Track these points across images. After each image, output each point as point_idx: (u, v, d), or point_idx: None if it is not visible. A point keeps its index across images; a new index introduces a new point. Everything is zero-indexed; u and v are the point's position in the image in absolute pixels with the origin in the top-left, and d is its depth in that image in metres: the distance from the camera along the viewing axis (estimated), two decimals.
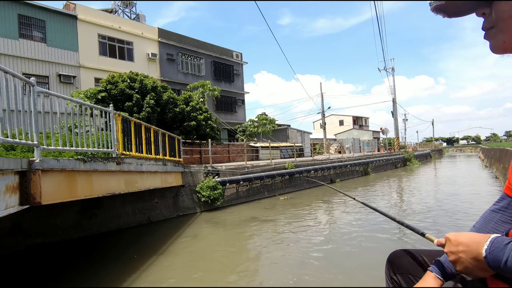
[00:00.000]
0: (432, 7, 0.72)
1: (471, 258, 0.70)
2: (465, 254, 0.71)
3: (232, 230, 7.52)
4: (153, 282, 4.48)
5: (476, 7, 0.69)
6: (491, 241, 0.66)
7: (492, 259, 0.65)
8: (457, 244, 0.73)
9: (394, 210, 9.19)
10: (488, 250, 0.66)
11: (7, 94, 3.15)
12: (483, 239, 0.68)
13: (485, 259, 0.66)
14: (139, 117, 11.54)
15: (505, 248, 0.63)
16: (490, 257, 0.65)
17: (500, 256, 0.63)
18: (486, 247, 0.66)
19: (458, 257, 0.73)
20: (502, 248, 0.63)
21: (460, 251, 0.72)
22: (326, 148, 27.61)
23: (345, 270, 4.63)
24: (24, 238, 6.15)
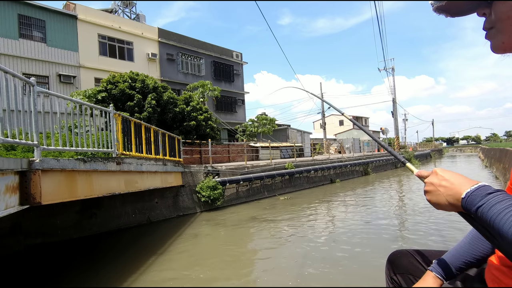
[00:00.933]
0: (434, 8, 0.72)
1: (448, 194, 0.69)
2: (445, 189, 0.70)
3: (232, 230, 7.52)
4: (153, 282, 4.48)
5: (476, 7, 0.69)
6: (477, 187, 0.65)
7: (468, 202, 0.64)
8: (442, 179, 0.72)
9: (395, 210, 9.19)
10: (469, 193, 0.65)
11: (7, 94, 3.15)
12: (470, 183, 0.67)
13: (462, 200, 0.66)
14: (140, 117, 11.54)
15: (485, 197, 0.62)
16: (467, 200, 0.65)
17: (477, 201, 0.63)
18: (469, 190, 0.65)
19: (436, 189, 0.72)
20: (482, 196, 0.62)
21: (442, 185, 0.71)
22: (326, 148, 27.61)
23: (345, 270, 4.63)
24: (24, 238, 6.15)
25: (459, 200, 0.67)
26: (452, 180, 0.70)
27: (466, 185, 0.67)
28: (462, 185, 0.68)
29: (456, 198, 0.68)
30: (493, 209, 0.59)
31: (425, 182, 0.76)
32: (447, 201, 0.70)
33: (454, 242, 5.64)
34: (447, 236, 6.03)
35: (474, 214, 0.63)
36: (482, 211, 0.61)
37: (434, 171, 0.76)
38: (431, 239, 5.90)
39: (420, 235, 6.22)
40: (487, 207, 0.60)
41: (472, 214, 0.65)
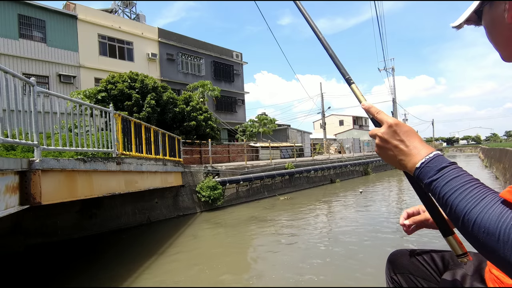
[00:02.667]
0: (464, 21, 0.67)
1: (401, 159, 0.64)
2: (399, 152, 0.64)
3: (232, 230, 7.52)
4: (153, 282, 4.48)
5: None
6: (432, 158, 0.60)
7: (422, 174, 0.60)
8: (398, 139, 0.65)
9: (395, 210, 9.19)
10: (424, 164, 0.60)
11: (7, 94, 3.15)
12: (425, 150, 0.62)
13: (415, 169, 0.61)
14: (139, 117, 11.54)
15: (440, 171, 0.58)
16: (421, 171, 0.60)
17: (431, 174, 0.59)
18: (424, 161, 0.60)
19: (389, 148, 0.66)
20: (437, 169, 0.58)
21: (396, 147, 0.65)
22: (326, 148, 27.60)
23: (346, 270, 4.63)
24: (24, 238, 6.15)
25: (412, 168, 0.62)
26: (408, 142, 0.64)
27: (421, 153, 0.62)
28: (417, 151, 0.62)
29: (409, 166, 0.63)
30: (448, 185, 0.56)
31: (378, 135, 0.68)
32: (399, 163, 0.65)
33: None
34: None
35: (426, 186, 0.60)
36: (436, 185, 0.58)
37: (390, 123, 0.66)
38: (431, 239, 5.90)
39: (420, 235, 6.22)
40: (442, 181, 0.57)
41: (423, 185, 0.61)
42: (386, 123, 0.67)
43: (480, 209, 0.52)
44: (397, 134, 0.65)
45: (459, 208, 0.55)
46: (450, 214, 0.57)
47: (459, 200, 0.55)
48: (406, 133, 0.65)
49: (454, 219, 0.56)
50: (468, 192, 0.55)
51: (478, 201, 0.53)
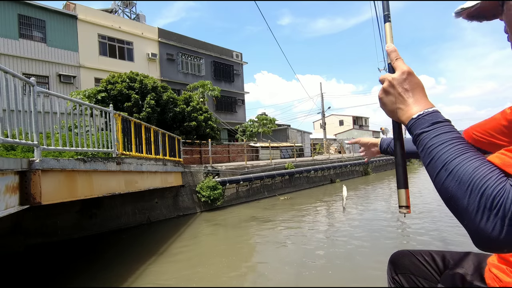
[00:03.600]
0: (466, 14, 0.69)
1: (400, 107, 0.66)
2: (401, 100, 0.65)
3: (232, 230, 7.52)
4: (153, 282, 4.48)
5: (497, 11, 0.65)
6: (429, 112, 0.61)
7: (415, 124, 0.62)
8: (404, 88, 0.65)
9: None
10: (421, 116, 0.62)
11: (7, 94, 3.15)
12: (425, 104, 0.63)
13: (410, 119, 0.63)
14: (139, 117, 11.54)
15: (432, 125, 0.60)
16: (416, 122, 0.62)
17: (423, 126, 0.61)
18: (421, 113, 0.62)
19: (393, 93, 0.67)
20: (430, 123, 0.60)
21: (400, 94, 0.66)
22: (326, 148, 27.61)
23: (347, 270, 4.63)
24: (24, 238, 6.15)
25: (408, 118, 0.64)
26: (413, 94, 0.65)
27: (420, 106, 0.63)
28: (417, 104, 0.64)
29: (405, 116, 0.64)
30: (436, 139, 0.58)
31: (388, 79, 0.68)
32: (396, 112, 0.67)
33: (454, 242, 5.64)
34: (447, 236, 6.03)
35: (415, 136, 0.62)
36: (425, 136, 0.59)
37: (405, 71, 0.66)
38: (432, 239, 5.90)
39: (421, 235, 6.22)
40: (432, 134, 0.59)
41: (414, 136, 0.63)
42: (400, 70, 0.67)
43: (460, 160, 0.55)
44: (406, 83, 0.66)
45: (440, 159, 0.57)
46: (430, 165, 0.59)
47: (443, 152, 0.57)
48: (415, 85, 0.66)
49: (432, 169, 0.58)
50: (453, 146, 0.57)
51: (460, 154, 0.55)
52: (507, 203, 0.48)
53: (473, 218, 0.51)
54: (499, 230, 0.49)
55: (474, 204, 0.51)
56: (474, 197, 0.51)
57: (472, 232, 0.53)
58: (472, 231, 0.53)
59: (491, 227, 0.49)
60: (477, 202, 0.51)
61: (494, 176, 0.52)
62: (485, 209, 0.50)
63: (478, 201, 0.51)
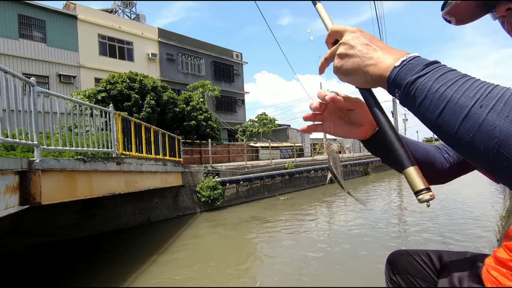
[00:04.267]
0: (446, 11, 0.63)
1: (371, 63, 0.51)
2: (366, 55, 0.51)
3: (232, 230, 7.52)
4: (153, 282, 4.48)
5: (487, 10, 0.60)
6: (414, 56, 0.48)
7: (403, 72, 0.47)
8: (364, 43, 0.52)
9: (394, 210, 9.19)
10: (406, 62, 0.47)
11: (7, 94, 3.15)
12: (402, 53, 0.49)
13: (393, 69, 0.48)
14: (139, 117, 11.54)
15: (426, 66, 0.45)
16: (401, 69, 0.47)
17: (416, 70, 0.46)
18: (405, 59, 0.47)
19: (353, 54, 0.52)
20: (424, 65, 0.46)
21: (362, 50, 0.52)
22: (326, 148, 27.60)
23: (345, 270, 4.63)
24: (24, 238, 6.15)
25: (388, 70, 0.49)
26: (377, 46, 0.52)
27: (397, 55, 0.49)
28: (392, 53, 0.50)
29: (382, 69, 0.49)
30: (444, 77, 0.43)
31: (340, 41, 0.55)
32: (365, 72, 0.51)
33: (453, 241, 5.64)
34: (446, 236, 6.03)
35: (407, 86, 0.46)
36: (424, 81, 0.44)
37: (353, 29, 0.54)
38: (430, 239, 5.90)
39: (420, 235, 6.22)
40: (434, 75, 0.44)
41: (402, 87, 0.47)
42: (347, 29, 0.55)
43: (502, 90, 0.40)
44: (363, 38, 0.53)
45: (466, 96, 0.40)
46: (448, 110, 0.42)
47: (467, 87, 0.41)
48: (374, 38, 0.53)
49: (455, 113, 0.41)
50: (475, 80, 0.42)
51: (495, 86, 0.41)
52: None
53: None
54: None
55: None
56: None
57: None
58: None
59: None
60: None
61: None
62: None
63: None
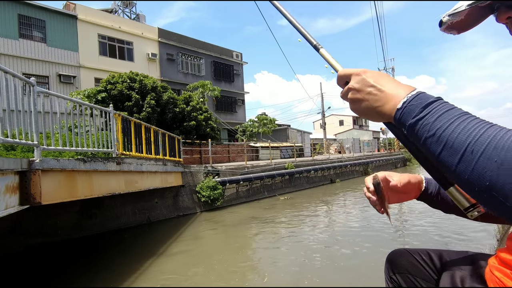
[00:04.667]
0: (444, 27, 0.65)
1: (378, 105, 0.55)
2: (374, 98, 0.56)
3: (232, 230, 7.52)
4: (153, 282, 4.48)
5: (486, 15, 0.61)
6: (416, 95, 0.51)
7: (405, 114, 0.51)
8: (369, 84, 0.57)
9: (394, 210, 9.19)
10: (407, 103, 0.51)
11: (7, 94, 3.15)
12: (405, 89, 0.53)
13: (396, 111, 0.52)
14: (139, 117, 11.54)
15: (427, 107, 0.49)
16: (403, 111, 0.51)
17: (416, 112, 0.49)
18: (406, 100, 0.51)
19: (362, 98, 0.57)
20: (423, 106, 0.49)
21: (370, 93, 0.56)
22: (326, 148, 27.60)
23: (345, 270, 4.63)
24: (24, 238, 6.15)
25: (392, 112, 0.53)
26: (382, 86, 0.56)
27: (400, 94, 0.53)
28: (395, 93, 0.54)
29: (388, 111, 0.54)
30: (442, 118, 0.47)
31: (349, 87, 0.60)
32: (377, 111, 0.56)
33: (453, 241, 5.64)
34: (446, 235, 6.04)
35: (411, 127, 0.50)
36: (424, 123, 0.48)
37: (357, 72, 0.59)
38: (430, 238, 5.90)
39: (420, 234, 6.22)
40: (432, 118, 0.48)
41: (406, 128, 0.51)
42: (353, 73, 0.60)
43: (492, 135, 0.42)
44: (367, 81, 0.57)
45: (459, 141, 0.44)
46: (444, 153, 0.46)
47: (459, 131, 0.45)
48: (378, 77, 0.57)
49: (450, 157, 0.45)
50: (469, 121, 0.45)
51: (486, 128, 0.43)
52: None
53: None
54: None
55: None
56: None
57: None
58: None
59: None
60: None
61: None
62: None
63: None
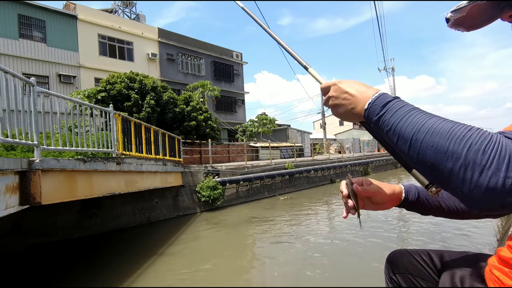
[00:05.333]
0: (451, 23, 0.69)
1: (352, 108, 0.68)
2: (347, 102, 0.68)
3: (232, 230, 7.52)
4: (153, 282, 4.48)
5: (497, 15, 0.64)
6: (377, 97, 0.63)
7: (370, 113, 0.63)
8: (342, 91, 0.69)
9: (394, 210, 9.19)
10: (371, 104, 0.63)
11: (7, 94, 3.15)
12: (370, 92, 0.65)
13: (364, 111, 0.65)
14: (139, 117, 11.54)
15: (385, 106, 0.61)
16: (369, 111, 0.64)
17: (377, 110, 0.62)
18: (370, 101, 0.64)
19: (339, 103, 0.70)
20: (382, 105, 0.61)
21: (344, 98, 0.69)
22: (326, 148, 27.59)
23: (345, 270, 4.63)
24: (24, 238, 6.15)
25: (362, 111, 0.65)
26: (353, 91, 0.68)
27: (367, 96, 0.65)
28: (363, 96, 0.66)
29: (359, 111, 0.66)
30: (396, 115, 0.58)
31: (329, 95, 0.73)
32: (352, 113, 0.68)
33: (453, 241, 5.64)
34: (446, 236, 6.04)
35: (375, 123, 0.62)
36: (383, 119, 0.60)
37: (334, 83, 0.72)
38: (430, 238, 5.90)
39: (420, 234, 6.22)
40: (389, 114, 0.59)
41: (373, 124, 0.64)
42: (331, 83, 0.72)
43: (429, 126, 0.52)
44: (341, 88, 0.70)
45: (407, 132, 0.55)
46: (398, 143, 0.57)
47: (407, 125, 0.55)
48: (351, 84, 0.69)
49: (402, 145, 0.56)
50: (414, 116, 0.56)
51: (426, 120, 0.54)
52: (502, 150, 0.46)
53: (463, 177, 0.47)
54: (496, 180, 0.45)
55: (460, 161, 0.47)
56: (459, 154, 0.48)
57: (465, 194, 0.49)
58: (464, 193, 0.49)
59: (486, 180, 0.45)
60: (463, 157, 0.47)
61: (474, 129, 0.50)
62: (475, 163, 0.46)
63: (465, 156, 0.47)
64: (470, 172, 0.47)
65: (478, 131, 0.49)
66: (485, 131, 0.49)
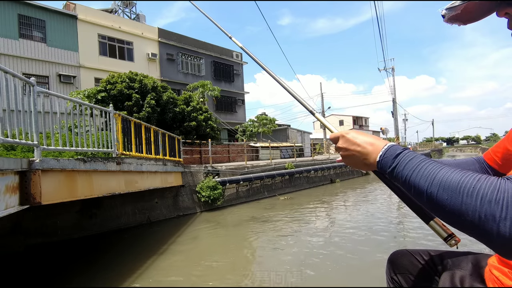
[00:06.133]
0: (447, 19, 0.70)
1: (364, 158, 0.71)
2: (359, 154, 0.72)
3: (232, 230, 7.52)
4: (153, 282, 4.48)
5: (494, 9, 0.66)
6: (387, 149, 0.67)
7: (383, 165, 0.67)
8: (353, 143, 0.73)
9: (395, 210, 9.20)
10: (382, 156, 0.67)
11: (7, 94, 3.15)
12: (380, 144, 0.69)
13: (377, 163, 0.68)
14: (139, 117, 11.53)
15: (396, 157, 0.64)
16: (382, 162, 0.67)
17: (390, 162, 0.65)
18: (381, 153, 0.67)
19: (351, 154, 0.74)
20: (393, 157, 0.65)
21: (355, 150, 0.73)
22: (326, 148, 27.59)
23: (346, 270, 4.63)
24: (24, 238, 6.14)
25: (374, 163, 0.69)
26: (363, 144, 0.71)
27: (378, 148, 0.69)
28: (373, 148, 0.70)
29: (371, 162, 0.69)
30: (407, 167, 0.61)
31: (337, 147, 0.78)
32: (364, 163, 0.72)
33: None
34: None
35: (389, 174, 0.65)
36: (397, 171, 0.63)
37: (341, 134, 0.77)
38: (431, 239, 5.90)
39: (420, 235, 6.22)
40: (401, 166, 0.63)
41: (387, 175, 0.67)
42: (339, 136, 0.77)
43: (440, 178, 0.55)
44: (351, 140, 0.74)
45: (421, 185, 0.58)
46: (415, 193, 0.60)
47: (420, 177, 0.58)
48: (357, 137, 0.73)
49: (419, 196, 0.59)
50: (425, 168, 0.59)
51: (436, 172, 0.57)
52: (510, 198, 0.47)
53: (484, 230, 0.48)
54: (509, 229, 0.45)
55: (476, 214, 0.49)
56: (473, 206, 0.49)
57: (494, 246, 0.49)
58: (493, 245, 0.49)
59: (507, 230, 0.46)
60: (478, 210, 0.49)
61: (483, 179, 0.51)
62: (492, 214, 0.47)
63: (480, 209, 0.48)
64: (489, 225, 0.48)
65: (486, 180, 0.51)
66: (493, 180, 0.51)
